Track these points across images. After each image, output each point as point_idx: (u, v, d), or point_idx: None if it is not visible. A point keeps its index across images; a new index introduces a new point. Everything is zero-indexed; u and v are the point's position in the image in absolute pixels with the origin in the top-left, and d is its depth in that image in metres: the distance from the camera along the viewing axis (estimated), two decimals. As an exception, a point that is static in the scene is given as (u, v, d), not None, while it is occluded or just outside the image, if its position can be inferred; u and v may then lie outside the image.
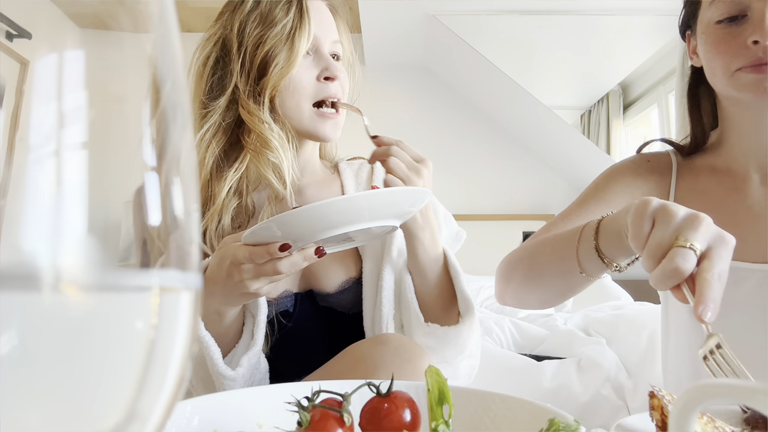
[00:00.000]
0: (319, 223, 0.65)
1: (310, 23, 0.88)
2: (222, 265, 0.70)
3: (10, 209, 0.16)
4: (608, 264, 0.70)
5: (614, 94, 3.94)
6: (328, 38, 0.92)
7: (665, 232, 0.58)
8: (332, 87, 0.89)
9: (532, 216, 3.57)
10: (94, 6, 0.18)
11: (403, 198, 0.70)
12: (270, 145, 0.86)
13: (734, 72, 0.81)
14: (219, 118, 0.89)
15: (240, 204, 0.91)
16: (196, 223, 0.19)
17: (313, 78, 0.89)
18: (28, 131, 0.16)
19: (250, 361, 0.78)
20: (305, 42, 0.87)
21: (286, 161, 0.87)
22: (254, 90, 0.88)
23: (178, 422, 0.44)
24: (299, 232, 0.66)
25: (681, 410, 0.30)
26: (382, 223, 0.69)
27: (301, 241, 0.67)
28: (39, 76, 0.16)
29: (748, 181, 0.90)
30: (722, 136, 0.93)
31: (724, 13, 0.82)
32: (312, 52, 0.90)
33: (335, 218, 0.65)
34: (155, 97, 0.18)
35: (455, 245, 0.99)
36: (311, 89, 0.89)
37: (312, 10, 0.89)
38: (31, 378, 0.15)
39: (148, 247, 0.18)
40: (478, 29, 3.03)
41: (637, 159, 0.99)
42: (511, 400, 0.47)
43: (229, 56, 0.90)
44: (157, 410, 0.18)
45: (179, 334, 0.18)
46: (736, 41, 0.80)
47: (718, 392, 0.29)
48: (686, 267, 0.55)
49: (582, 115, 4.16)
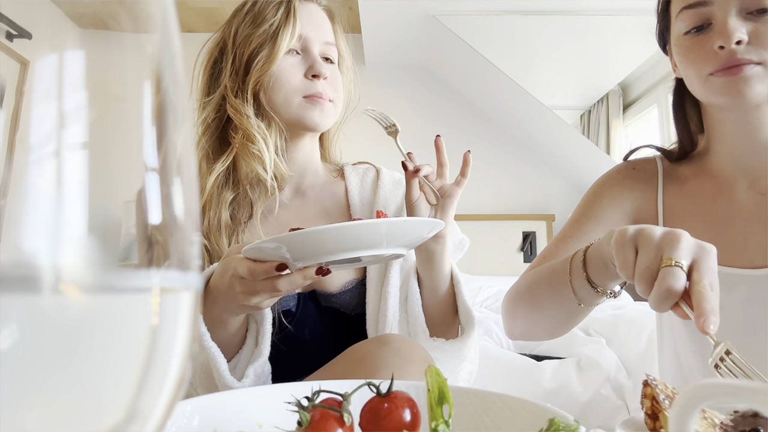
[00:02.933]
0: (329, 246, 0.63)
1: (295, 22, 0.90)
2: (224, 275, 0.71)
3: (10, 209, 0.16)
4: (602, 292, 0.72)
5: (614, 94, 3.94)
6: (319, 39, 0.94)
7: (649, 255, 0.60)
8: (319, 84, 0.91)
9: (532, 216, 3.57)
10: (94, 6, 0.18)
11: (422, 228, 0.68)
12: (253, 139, 0.89)
13: (707, 77, 0.84)
14: (211, 114, 0.92)
15: (237, 198, 0.92)
16: (196, 223, 0.19)
17: (301, 75, 0.92)
18: (28, 131, 0.16)
19: (257, 371, 0.79)
20: (288, 39, 0.89)
21: (268, 153, 0.89)
22: (241, 87, 0.91)
23: (179, 422, 0.44)
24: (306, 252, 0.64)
25: (681, 410, 0.29)
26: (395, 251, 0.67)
27: (306, 261, 0.65)
28: (39, 76, 0.16)
29: (736, 186, 0.90)
30: (708, 142, 0.94)
31: (690, 24, 0.85)
32: (301, 51, 0.93)
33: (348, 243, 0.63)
34: (155, 97, 0.18)
35: (457, 254, 0.99)
36: (298, 85, 0.91)
37: (301, 11, 0.92)
38: (32, 378, 0.15)
39: (149, 247, 0.18)
40: (478, 29, 3.03)
41: (623, 168, 1.00)
42: (511, 400, 0.47)
43: (224, 57, 0.93)
44: (157, 410, 0.18)
45: (179, 334, 0.18)
46: (704, 48, 0.83)
47: (718, 392, 0.29)
48: (678, 285, 0.57)
49: (582, 115, 4.16)
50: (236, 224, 0.91)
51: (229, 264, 0.70)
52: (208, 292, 0.75)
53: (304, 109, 0.91)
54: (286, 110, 0.91)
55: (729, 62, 0.81)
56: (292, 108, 0.91)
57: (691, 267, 0.59)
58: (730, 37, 0.79)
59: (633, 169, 0.99)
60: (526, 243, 3.49)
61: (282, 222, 0.95)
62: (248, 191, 0.93)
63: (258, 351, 0.81)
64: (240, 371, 0.80)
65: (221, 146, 0.93)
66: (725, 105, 0.85)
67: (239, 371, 0.80)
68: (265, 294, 0.69)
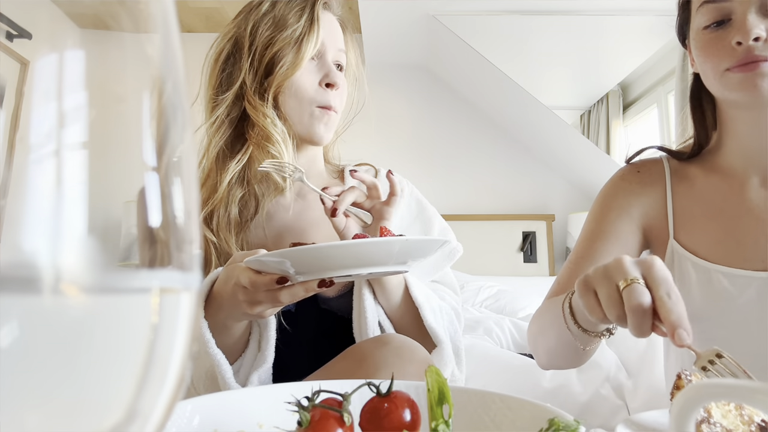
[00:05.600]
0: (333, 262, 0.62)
1: (318, 31, 0.92)
2: (228, 282, 0.71)
3: (10, 209, 0.16)
4: (597, 335, 0.72)
5: (614, 94, 3.93)
6: (334, 46, 0.96)
7: (605, 287, 0.61)
8: (330, 95, 0.92)
9: (532, 216, 3.57)
10: (94, 6, 0.18)
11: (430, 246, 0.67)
12: (272, 138, 0.89)
13: (723, 72, 0.84)
14: (225, 111, 0.92)
15: (245, 195, 0.93)
16: (196, 223, 0.19)
17: (315, 82, 0.93)
18: (28, 131, 0.16)
19: (261, 378, 0.79)
20: (312, 47, 0.91)
21: (286, 154, 0.89)
22: (260, 87, 0.91)
23: (179, 422, 0.44)
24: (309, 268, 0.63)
25: (680, 410, 0.29)
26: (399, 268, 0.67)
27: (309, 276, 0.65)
28: (39, 76, 0.16)
29: (747, 184, 0.90)
30: (720, 139, 0.93)
31: (710, 19, 0.85)
32: (317, 57, 0.94)
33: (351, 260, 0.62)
34: (155, 97, 0.18)
35: (445, 263, 0.98)
36: (312, 93, 0.92)
37: (322, 20, 0.93)
38: (32, 378, 0.15)
39: (149, 247, 0.18)
40: (478, 29, 3.03)
41: (627, 173, 0.98)
42: (511, 400, 0.47)
43: (240, 53, 0.93)
44: (157, 410, 0.18)
45: (179, 334, 0.18)
46: (722, 44, 0.83)
47: (718, 392, 0.29)
48: (643, 299, 0.58)
49: (582, 115, 4.15)
50: (243, 221, 0.91)
51: (233, 272, 0.70)
52: (212, 297, 0.76)
53: (314, 119, 0.92)
54: (298, 119, 0.92)
55: (746, 58, 0.81)
56: (304, 116, 0.92)
57: (645, 283, 0.59)
58: (749, 33, 0.80)
59: (638, 172, 0.97)
60: (526, 243, 3.49)
61: (283, 224, 0.95)
62: (256, 188, 0.93)
63: (262, 357, 0.81)
64: (243, 376, 0.80)
65: (235, 144, 0.93)
66: (741, 101, 0.85)
67: (242, 375, 0.80)
68: (267, 304, 0.69)
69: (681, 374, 0.48)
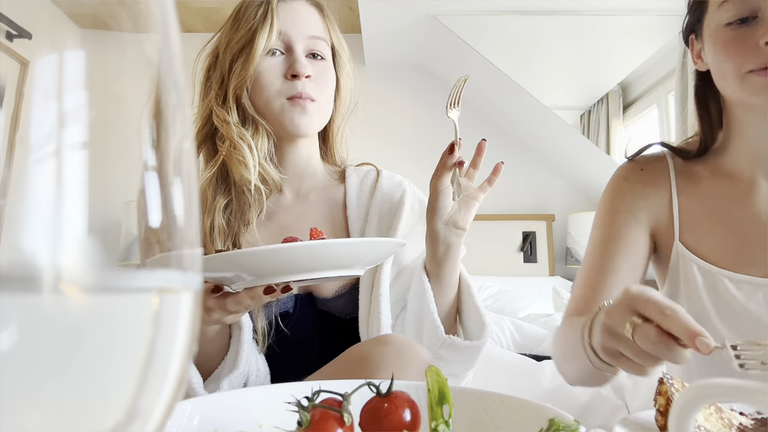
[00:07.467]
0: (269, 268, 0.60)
1: (272, 21, 0.87)
2: None
3: (10, 209, 0.16)
4: None
5: (614, 95, 3.94)
6: (303, 35, 0.91)
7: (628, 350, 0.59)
8: (298, 85, 0.88)
9: (532, 216, 3.57)
10: (94, 6, 0.18)
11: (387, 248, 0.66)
12: (237, 146, 0.87)
13: (745, 74, 0.79)
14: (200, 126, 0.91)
15: (231, 204, 0.91)
16: (196, 223, 0.19)
17: (280, 75, 0.89)
18: (28, 131, 0.16)
19: (231, 383, 0.78)
20: (264, 40, 0.87)
21: (252, 160, 0.87)
22: (225, 95, 0.89)
23: (179, 422, 0.44)
24: (256, 272, 0.61)
25: (680, 410, 0.30)
26: (346, 272, 0.65)
27: (256, 282, 0.62)
28: (39, 76, 0.16)
29: (755, 188, 0.87)
30: (727, 141, 0.90)
31: (735, 15, 0.80)
32: (285, 50, 0.90)
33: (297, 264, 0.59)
34: (155, 97, 0.18)
35: None
36: (278, 87, 0.89)
37: (283, 9, 0.89)
38: (32, 378, 0.15)
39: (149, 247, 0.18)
40: (478, 29, 3.03)
41: (630, 173, 0.95)
42: (511, 400, 0.47)
43: (216, 65, 0.92)
44: (157, 410, 0.18)
45: (179, 334, 0.18)
46: (748, 42, 0.78)
47: (718, 392, 0.29)
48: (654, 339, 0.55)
49: (582, 115, 4.16)
50: (232, 229, 0.89)
51: None
52: None
53: (285, 112, 0.89)
54: (270, 113, 0.89)
55: None
56: (274, 111, 0.89)
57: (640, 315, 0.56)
58: None
59: (641, 171, 0.94)
60: (526, 243, 3.49)
61: (283, 225, 0.94)
62: (241, 196, 0.91)
63: (233, 362, 0.79)
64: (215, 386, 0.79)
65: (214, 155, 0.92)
66: (760, 106, 0.80)
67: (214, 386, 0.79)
68: (220, 311, 0.67)
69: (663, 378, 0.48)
